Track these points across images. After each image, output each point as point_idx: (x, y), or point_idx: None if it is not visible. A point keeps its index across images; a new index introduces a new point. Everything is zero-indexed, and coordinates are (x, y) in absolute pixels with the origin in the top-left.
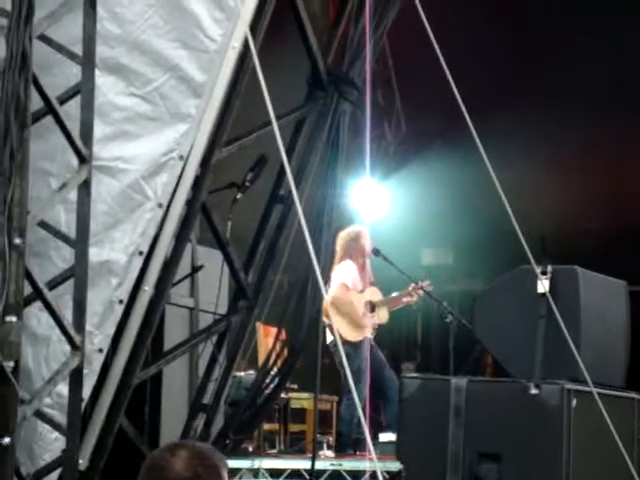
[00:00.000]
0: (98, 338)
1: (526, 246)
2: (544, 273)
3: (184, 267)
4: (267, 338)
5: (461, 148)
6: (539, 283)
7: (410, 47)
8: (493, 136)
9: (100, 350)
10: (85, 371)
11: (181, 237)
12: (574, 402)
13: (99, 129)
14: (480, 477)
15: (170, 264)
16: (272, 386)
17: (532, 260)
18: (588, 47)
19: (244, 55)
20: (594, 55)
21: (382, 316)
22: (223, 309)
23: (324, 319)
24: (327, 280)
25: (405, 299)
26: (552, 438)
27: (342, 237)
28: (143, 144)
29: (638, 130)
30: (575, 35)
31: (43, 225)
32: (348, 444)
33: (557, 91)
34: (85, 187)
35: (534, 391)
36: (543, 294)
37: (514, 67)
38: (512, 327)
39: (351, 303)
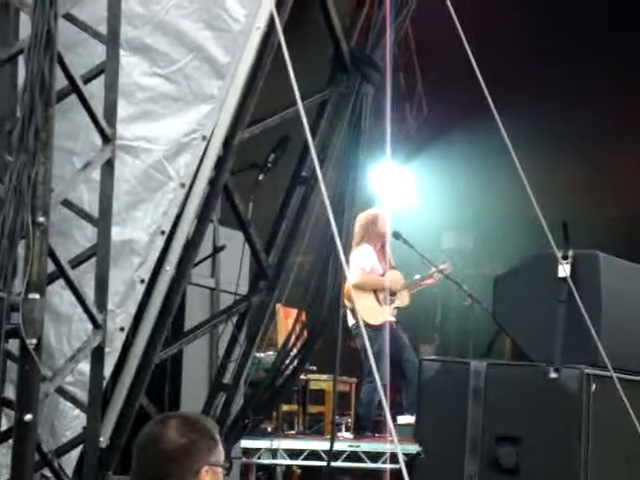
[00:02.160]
0: (120, 317)
1: (547, 230)
2: (565, 257)
3: (205, 247)
4: (287, 320)
5: (483, 131)
6: (560, 267)
7: (432, 29)
8: (516, 119)
9: (122, 329)
10: (106, 349)
11: (203, 217)
12: (593, 386)
13: (123, 109)
14: (498, 460)
15: (192, 244)
16: (291, 367)
17: (553, 244)
18: (610, 35)
19: (267, 36)
20: (619, 43)
21: (403, 299)
22: (244, 290)
23: (345, 302)
24: (347, 263)
25: (426, 281)
26: (571, 422)
27: (359, 221)
28: (166, 124)
29: None
30: (598, 22)
31: (66, 204)
32: (367, 426)
33: (582, 74)
34: (108, 166)
35: (553, 375)
36: (564, 278)
37: (538, 49)
38: (532, 311)
39: (373, 286)
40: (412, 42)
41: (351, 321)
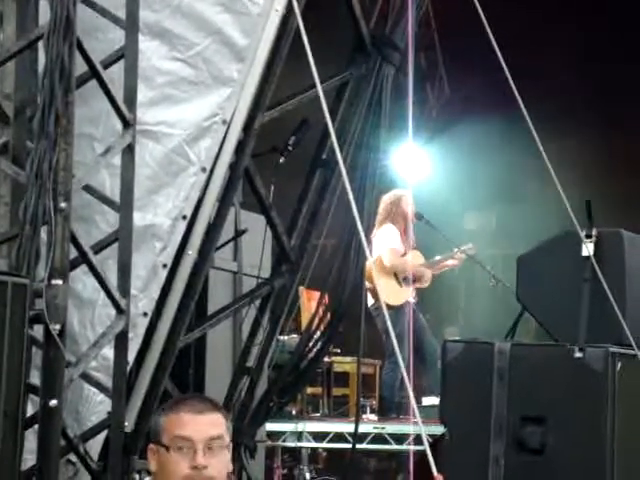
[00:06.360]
0: (142, 302)
1: (570, 209)
2: (589, 236)
3: (227, 231)
4: (310, 302)
5: (504, 111)
6: (583, 246)
7: (453, 9)
8: (537, 99)
9: (145, 314)
10: (130, 334)
11: (224, 201)
12: (619, 365)
13: (142, 93)
14: (524, 440)
15: (213, 228)
16: (315, 350)
17: (576, 223)
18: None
19: (286, 19)
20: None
21: (424, 280)
22: (266, 273)
23: (366, 283)
24: (368, 244)
25: (448, 262)
26: (596, 401)
27: (384, 201)
28: (186, 108)
29: None
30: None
31: (88, 189)
32: (391, 408)
33: (601, 55)
34: (129, 151)
35: (578, 355)
36: (587, 257)
37: (561, 28)
38: (556, 291)
39: (400, 270)
40: (433, 22)
41: (370, 302)
